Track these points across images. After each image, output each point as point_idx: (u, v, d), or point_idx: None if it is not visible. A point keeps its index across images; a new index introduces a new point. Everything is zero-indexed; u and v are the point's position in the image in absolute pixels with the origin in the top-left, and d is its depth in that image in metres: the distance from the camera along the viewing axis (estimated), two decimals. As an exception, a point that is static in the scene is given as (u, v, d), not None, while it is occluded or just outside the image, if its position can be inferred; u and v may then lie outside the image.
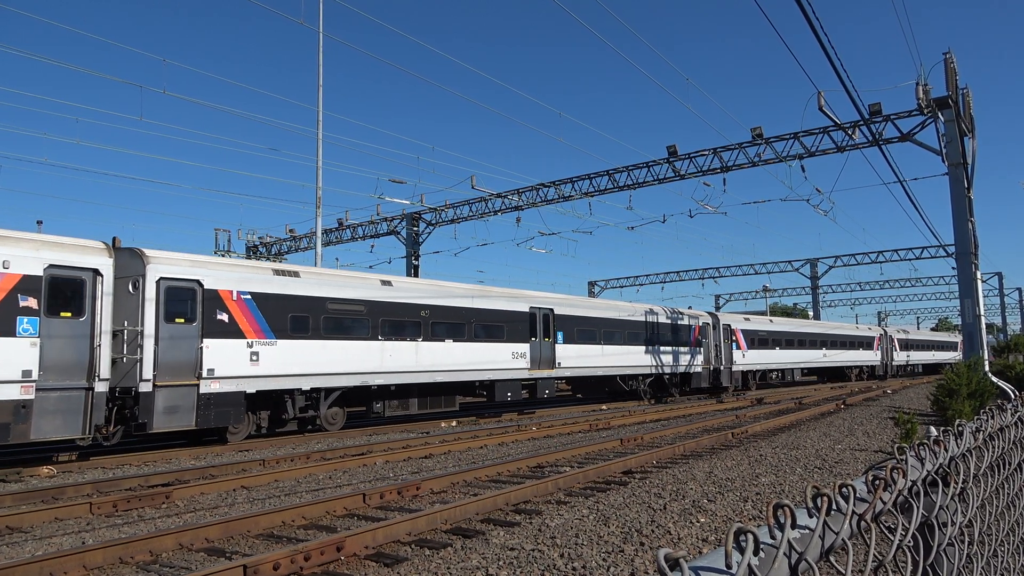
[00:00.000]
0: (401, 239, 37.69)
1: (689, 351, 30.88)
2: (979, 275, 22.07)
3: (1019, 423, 2.61)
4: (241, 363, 14.90)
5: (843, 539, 1.13)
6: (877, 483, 1.31)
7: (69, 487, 10.04)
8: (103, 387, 12.67)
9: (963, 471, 1.79)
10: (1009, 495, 2.38)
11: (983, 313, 22.28)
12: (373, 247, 46.94)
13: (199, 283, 14.48)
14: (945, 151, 22.04)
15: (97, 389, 12.54)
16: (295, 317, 16.15)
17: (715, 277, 61.26)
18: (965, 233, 21.58)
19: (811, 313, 61.15)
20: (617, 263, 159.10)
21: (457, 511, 7.87)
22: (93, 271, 12.80)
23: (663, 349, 29.34)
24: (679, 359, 30.24)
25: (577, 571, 5.76)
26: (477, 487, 10.00)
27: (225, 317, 14.77)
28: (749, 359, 34.84)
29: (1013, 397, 3.35)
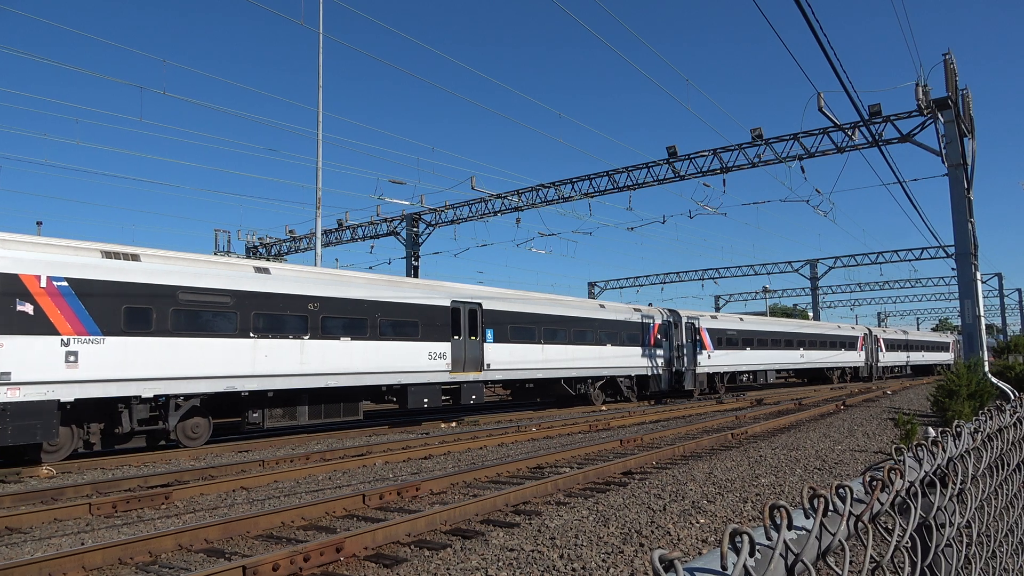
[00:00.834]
0: (401, 240, 37.74)
1: (646, 351, 28.36)
2: (979, 276, 22.09)
3: (1018, 424, 2.61)
4: (53, 365, 12.34)
5: (840, 540, 1.13)
6: (875, 484, 1.31)
7: (68, 488, 10.04)
8: None
9: (961, 472, 1.79)
10: (1008, 496, 2.38)
11: (983, 314, 22.29)
12: (373, 248, 46.90)
13: None
14: (945, 152, 22.08)
15: None
16: (132, 309, 13.52)
17: (715, 278, 61.45)
18: (965, 234, 21.61)
19: (811, 314, 61.12)
20: (617, 264, 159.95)
21: (457, 512, 7.86)
22: None
23: (614, 349, 26.60)
24: (634, 360, 27.65)
25: (577, 572, 5.76)
26: (477, 488, 10.00)
27: (30, 308, 12.20)
28: (716, 360, 32.30)
29: (1013, 398, 3.35)
